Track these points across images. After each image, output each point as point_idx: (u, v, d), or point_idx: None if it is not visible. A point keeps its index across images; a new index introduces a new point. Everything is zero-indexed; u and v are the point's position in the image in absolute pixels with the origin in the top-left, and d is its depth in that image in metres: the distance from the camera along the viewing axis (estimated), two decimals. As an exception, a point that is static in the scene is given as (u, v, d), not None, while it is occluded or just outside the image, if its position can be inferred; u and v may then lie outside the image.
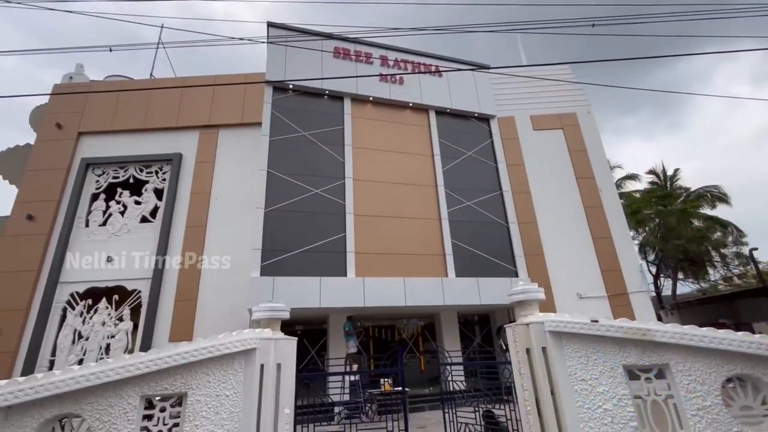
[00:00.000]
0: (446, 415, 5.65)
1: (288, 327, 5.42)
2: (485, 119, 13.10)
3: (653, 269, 22.04)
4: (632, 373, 3.84)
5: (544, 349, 4.02)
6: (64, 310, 9.98)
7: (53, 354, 9.56)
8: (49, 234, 10.49)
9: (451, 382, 5.69)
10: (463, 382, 6.17)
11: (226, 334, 3.99)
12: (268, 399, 3.93)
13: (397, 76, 12.27)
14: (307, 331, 11.00)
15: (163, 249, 10.46)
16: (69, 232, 10.61)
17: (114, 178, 11.52)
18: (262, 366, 4.01)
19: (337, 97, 11.73)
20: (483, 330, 12.45)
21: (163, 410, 3.68)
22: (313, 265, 9.58)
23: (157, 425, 3.62)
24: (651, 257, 22.24)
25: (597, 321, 3.86)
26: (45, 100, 12.34)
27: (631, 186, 23.90)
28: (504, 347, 9.91)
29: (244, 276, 9.32)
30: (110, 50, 5.95)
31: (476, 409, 5.51)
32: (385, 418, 4.92)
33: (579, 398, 3.75)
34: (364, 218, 10.45)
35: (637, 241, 21.79)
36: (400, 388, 7.64)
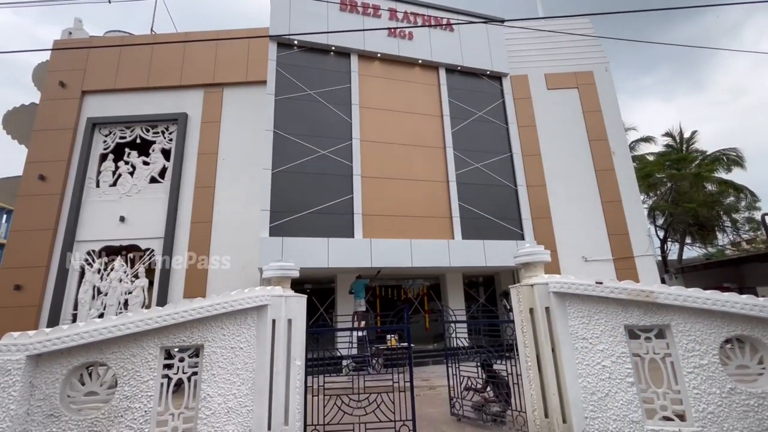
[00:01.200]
0: (449, 369, 5.91)
1: (297, 285, 5.63)
2: (497, 78, 12.59)
3: (661, 233, 21.94)
4: (633, 333, 3.94)
5: (547, 309, 4.12)
6: (82, 267, 10.35)
7: (75, 308, 10.04)
8: (62, 194, 10.65)
9: (455, 339, 5.90)
10: (467, 339, 6.39)
11: (238, 291, 4.14)
12: (280, 351, 4.14)
13: (407, 31, 11.70)
14: (316, 289, 11.35)
15: (173, 209, 10.61)
16: (81, 192, 10.76)
17: (121, 138, 11.48)
18: (273, 321, 4.20)
19: (344, 53, 11.29)
20: (487, 291, 12.72)
21: (182, 360, 3.91)
22: (321, 226, 9.69)
23: (177, 373, 3.86)
24: (660, 221, 22.08)
25: (601, 283, 3.91)
26: (45, 57, 12.08)
27: (645, 149, 23.26)
28: (507, 307, 10.18)
29: (254, 236, 9.50)
30: (109, 2, 5.70)
31: (478, 364, 5.75)
32: (391, 371, 5.18)
33: (579, 355, 3.89)
34: (371, 180, 10.41)
35: (646, 205, 21.54)
36: (406, 344, 7.96)
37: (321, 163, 10.23)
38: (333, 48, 11.13)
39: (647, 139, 23.15)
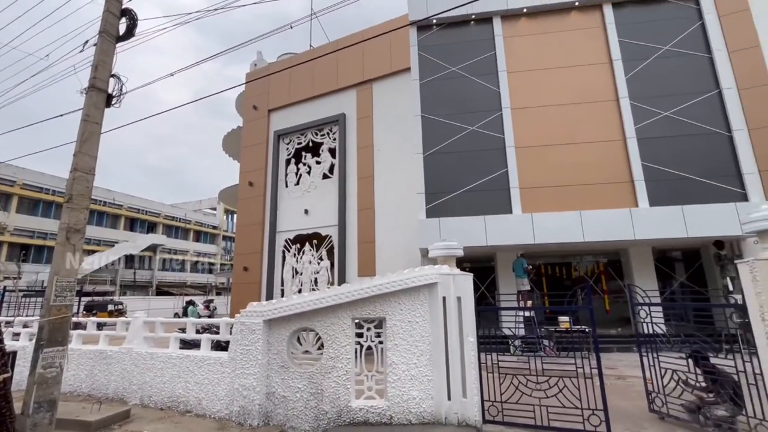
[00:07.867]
0: (645, 358, 5.05)
1: (458, 264, 5.68)
2: (690, -5, 9.74)
3: None
4: None
5: (807, 290, 3.05)
6: (283, 252, 12.92)
7: (282, 285, 12.66)
8: (264, 195, 13.49)
9: (649, 325, 4.99)
10: (664, 326, 5.34)
11: (409, 269, 4.43)
12: (452, 327, 4.27)
13: (557, -27, 10.15)
14: (475, 268, 11.24)
15: (342, 200, 12.12)
16: (276, 192, 13.41)
17: (298, 143, 13.71)
18: (444, 298, 4.35)
19: (485, 19, 10.59)
20: (689, 268, 10.29)
21: (368, 330, 4.46)
22: (477, 203, 9.50)
23: (366, 341, 4.44)
24: None
25: None
26: (241, 89, 15.29)
27: None
28: (728, 288, 8.00)
29: (412, 218, 10.01)
30: (291, 27, 6.76)
31: (687, 355, 4.73)
32: (572, 355, 4.73)
33: None
34: (527, 149, 9.60)
35: None
36: (584, 328, 7.19)
37: (471, 140, 9.97)
38: (473, 17, 10.57)
39: None
